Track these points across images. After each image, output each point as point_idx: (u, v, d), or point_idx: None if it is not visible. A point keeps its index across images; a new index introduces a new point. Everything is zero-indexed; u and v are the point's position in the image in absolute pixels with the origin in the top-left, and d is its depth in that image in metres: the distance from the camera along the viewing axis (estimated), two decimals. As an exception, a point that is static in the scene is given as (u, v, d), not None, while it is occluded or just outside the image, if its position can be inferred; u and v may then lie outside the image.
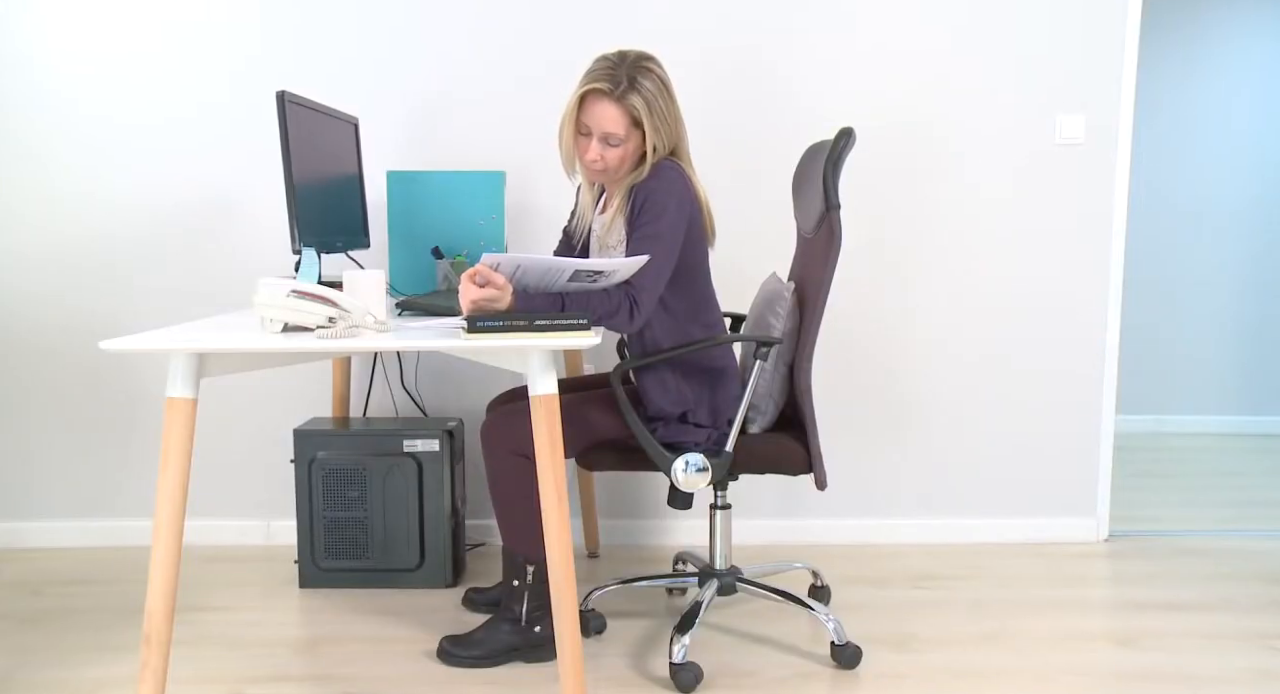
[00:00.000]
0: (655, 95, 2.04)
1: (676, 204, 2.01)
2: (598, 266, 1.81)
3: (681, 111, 2.12)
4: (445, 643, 2.17)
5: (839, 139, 2.05)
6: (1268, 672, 2.14)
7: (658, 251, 1.98)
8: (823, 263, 2.08)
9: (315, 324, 1.75)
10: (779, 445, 2.13)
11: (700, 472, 2.04)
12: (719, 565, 2.28)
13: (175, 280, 2.92)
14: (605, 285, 1.92)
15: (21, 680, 2.11)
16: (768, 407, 2.19)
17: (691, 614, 2.13)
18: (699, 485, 2.04)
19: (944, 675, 2.12)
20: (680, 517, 3.00)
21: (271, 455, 2.99)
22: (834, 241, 2.06)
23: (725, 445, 2.09)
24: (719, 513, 2.26)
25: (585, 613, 2.34)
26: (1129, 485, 3.67)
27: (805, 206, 2.26)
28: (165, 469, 1.72)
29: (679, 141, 2.11)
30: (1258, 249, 4.51)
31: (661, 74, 2.07)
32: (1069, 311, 2.95)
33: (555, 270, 1.82)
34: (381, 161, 2.90)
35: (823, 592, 2.52)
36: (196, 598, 2.57)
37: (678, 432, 2.11)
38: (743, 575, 2.29)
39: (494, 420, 2.10)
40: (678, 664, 2.04)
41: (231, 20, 2.84)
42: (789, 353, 2.18)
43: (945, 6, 2.85)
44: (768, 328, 2.17)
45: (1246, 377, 4.57)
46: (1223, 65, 4.42)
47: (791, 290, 2.17)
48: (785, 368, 2.18)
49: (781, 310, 2.16)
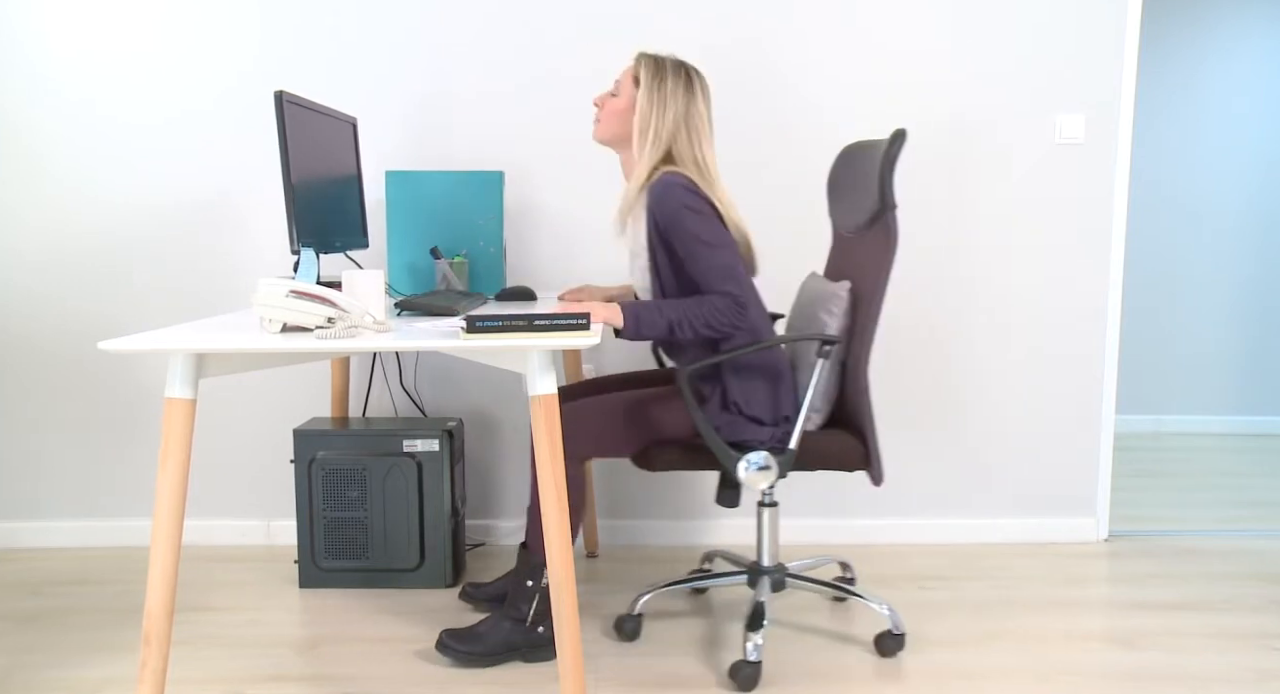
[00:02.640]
0: (668, 74, 2.10)
1: (686, 208, 2.02)
2: None
3: (704, 122, 2.12)
4: (445, 636, 2.16)
5: (893, 141, 2.07)
6: (1268, 672, 2.14)
7: (709, 251, 2.02)
8: (879, 262, 2.10)
9: (314, 324, 1.75)
10: (838, 442, 2.15)
11: (763, 470, 2.05)
12: (766, 562, 2.28)
13: (175, 280, 2.92)
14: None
15: (21, 680, 2.11)
16: (822, 405, 2.20)
17: (758, 612, 2.14)
18: (761, 483, 2.06)
19: (944, 675, 2.12)
20: (680, 517, 3.00)
21: (271, 455, 2.99)
22: (891, 242, 2.08)
23: (788, 443, 2.10)
24: (766, 510, 2.26)
25: (629, 617, 2.31)
26: (1129, 485, 3.67)
27: (848, 207, 2.27)
28: (165, 469, 1.72)
29: (682, 144, 2.11)
30: (1258, 249, 4.51)
31: (691, 72, 2.12)
32: (1069, 311, 2.95)
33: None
34: (381, 161, 2.90)
35: (849, 583, 2.53)
36: (196, 598, 2.57)
37: (741, 429, 2.11)
38: (789, 571, 2.31)
39: (567, 416, 2.10)
40: (751, 662, 2.05)
41: (231, 20, 2.84)
42: (842, 351, 2.19)
43: (945, 6, 2.85)
44: (821, 327, 2.17)
45: (1246, 377, 4.57)
46: (1223, 65, 4.42)
47: (847, 289, 2.17)
48: (839, 366, 2.20)
49: (837, 309, 2.16)
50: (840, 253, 2.36)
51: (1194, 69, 4.43)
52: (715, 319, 2.02)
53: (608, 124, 2.17)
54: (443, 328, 1.86)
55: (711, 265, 2.03)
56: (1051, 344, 2.96)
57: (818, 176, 2.90)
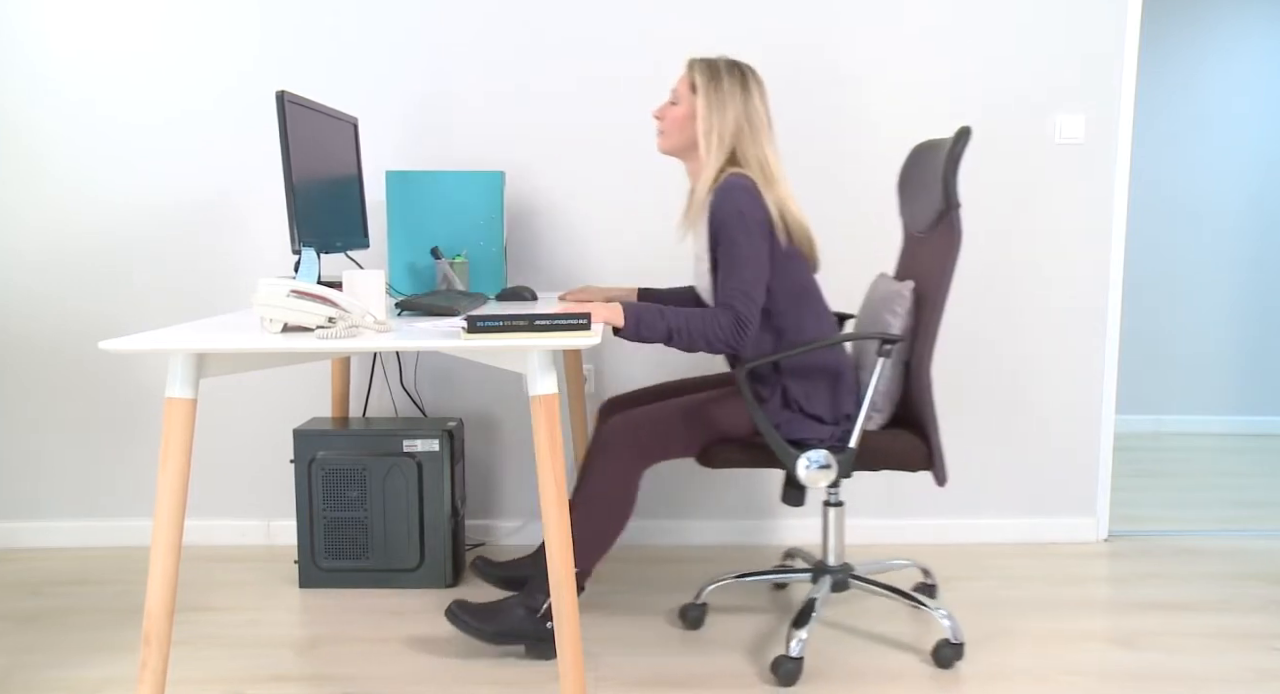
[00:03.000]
0: (723, 76, 2.10)
1: (743, 218, 2.03)
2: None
3: (763, 118, 2.12)
4: (455, 606, 2.15)
5: (957, 138, 2.06)
6: (1268, 672, 2.14)
7: (738, 264, 2.02)
8: (942, 261, 2.10)
9: (315, 324, 1.75)
10: (900, 442, 2.15)
11: (823, 468, 2.05)
12: (831, 562, 2.28)
13: (175, 280, 2.92)
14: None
15: (21, 680, 2.11)
16: (884, 404, 2.20)
17: (807, 610, 2.14)
18: (821, 482, 2.06)
19: (944, 675, 2.12)
20: (692, 516, 3.00)
21: (271, 455, 2.99)
22: (954, 240, 2.07)
23: (848, 442, 2.10)
24: (832, 510, 2.27)
25: (694, 606, 2.35)
26: (1129, 485, 3.67)
27: (916, 206, 2.26)
28: (165, 469, 1.72)
29: (745, 144, 2.11)
30: (1258, 249, 4.51)
31: (746, 71, 2.13)
32: (1069, 311, 2.95)
33: None
34: (381, 161, 2.90)
35: (930, 590, 2.52)
36: (196, 598, 2.57)
37: (800, 428, 2.11)
38: (855, 572, 2.30)
39: (624, 424, 2.10)
40: (793, 657, 2.06)
41: (231, 20, 2.84)
42: (904, 351, 2.19)
43: (944, 6, 2.85)
44: (885, 326, 2.17)
45: (1246, 377, 4.57)
46: (1223, 65, 4.42)
47: (910, 289, 2.17)
48: (901, 366, 2.19)
49: (900, 309, 2.16)
50: (909, 252, 2.35)
51: (1194, 69, 4.43)
52: (713, 335, 2.01)
53: (671, 134, 2.17)
54: (443, 328, 1.86)
55: (730, 277, 2.03)
56: (1051, 344, 2.96)
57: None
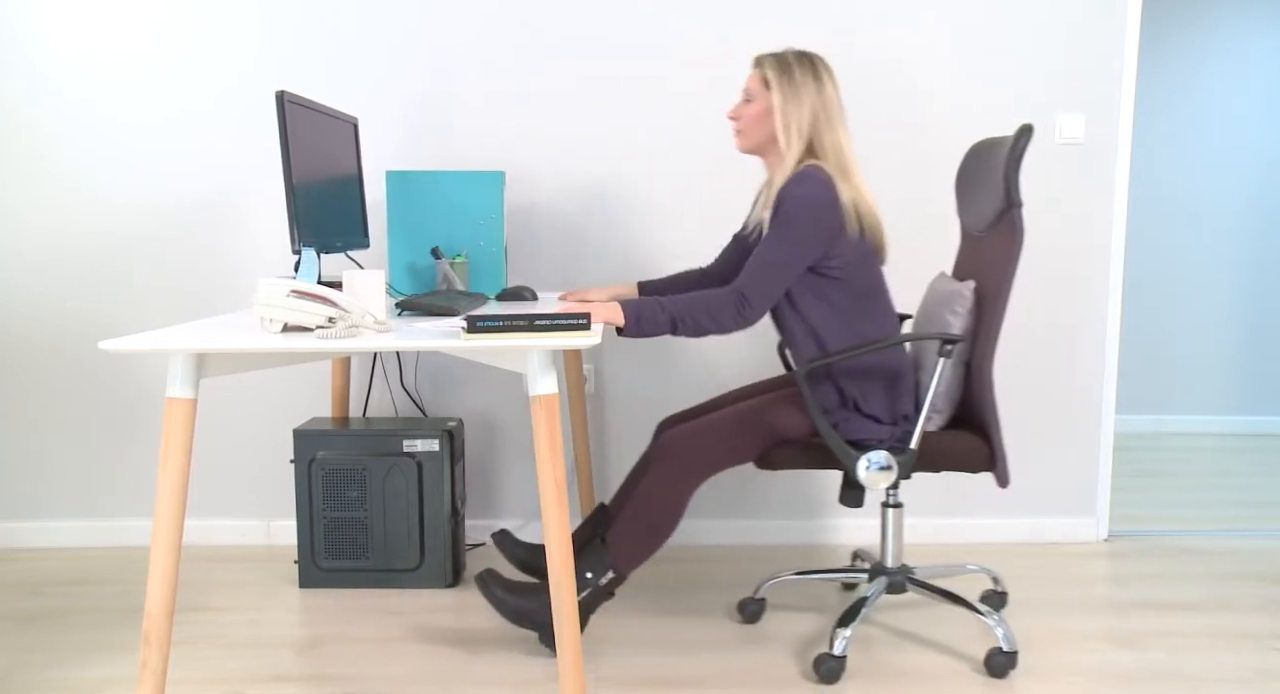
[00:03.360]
0: (794, 67, 2.11)
1: (808, 207, 2.02)
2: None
3: (836, 106, 2.12)
4: (487, 574, 2.15)
5: (1019, 136, 2.05)
6: (1268, 672, 2.14)
7: (770, 248, 2.02)
8: (1005, 260, 2.08)
9: (315, 324, 1.75)
10: (961, 443, 2.13)
11: (883, 470, 2.04)
12: (890, 563, 2.27)
13: (175, 280, 2.92)
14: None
15: (21, 680, 2.11)
16: (944, 405, 2.19)
17: (855, 608, 2.14)
18: (882, 483, 2.05)
19: (944, 675, 2.12)
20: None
21: (271, 455, 2.99)
22: (1016, 239, 2.06)
23: (909, 443, 2.09)
24: (890, 511, 2.25)
25: (752, 600, 2.38)
26: (1129, 485, 3.67)
27: (976, 205, 2.25)
28: (165, 469, 1.72)
29: (822, 132, 2.10)
30: (1258, 249, 4.51)
31: (815, 60, 2.13)
32: (1069, 311, 2.95)
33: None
34: (381, 161, 2.90)
35: (1000, 598, 2.48)
36: (196, 598, 2.57)
37: (859, 428, 2.11)
38: (913, 574, 2.29)
39: (680, 438, 2.10)
40: (835, 656, 2.06)
41: (231, 20, 2.84)
42: (966, 351, 2.18)
43: (944, 6, 2.85)
44: (945, 326, 2.16)
45: (1246, 377, 4.57)
46: (1223, 65, 4.42)
47: (971, 289, 2.16)
48: (961, 367, 2.18)
49: (961, 309, 2.15)
50: (967, 252, 2.34)
51: (1194, 69, 4.43)
52: (718, 313, 2.01)
53: (750, 132, 2.17)
54: (443, 328, 1.86)
55: (761, 259, 2.02)
56: (1052, 344, 2.96)
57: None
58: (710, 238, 2.92)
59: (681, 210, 2.91)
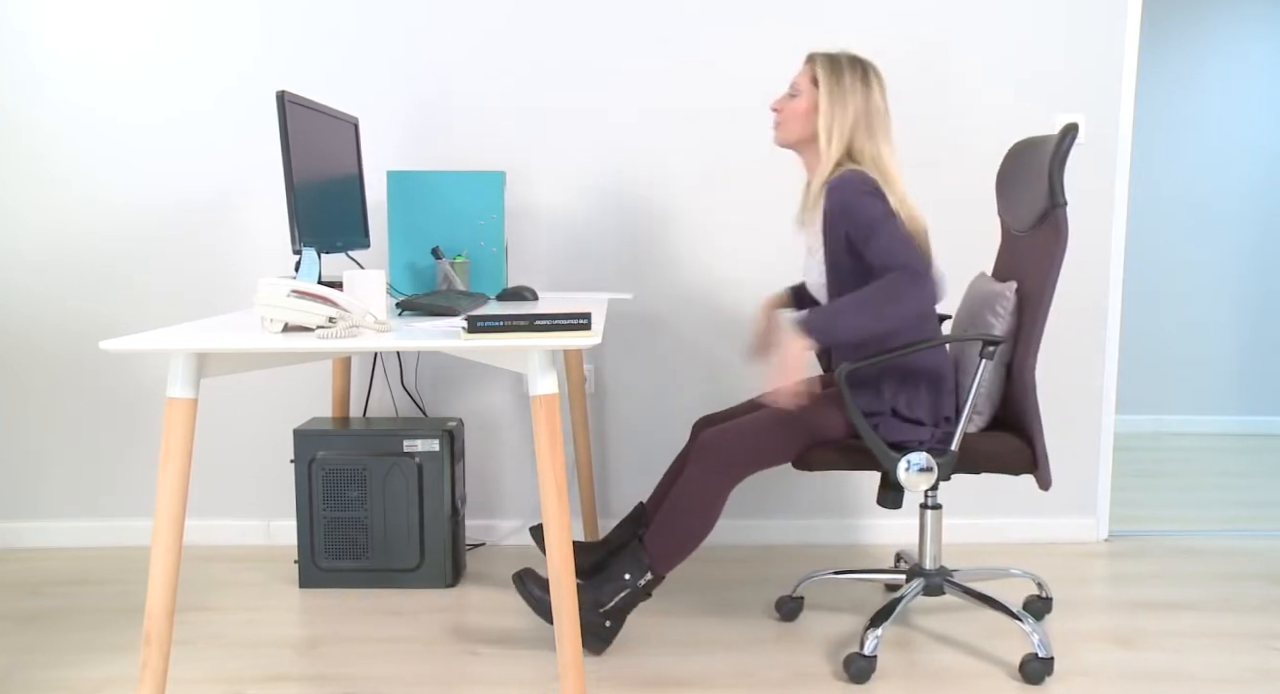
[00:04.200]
0: (845, 70, 2.11)
1: (857, 194, 2.01)
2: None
3: (881, 115, 2.11)
4: (525, 573, 2.15)
5: (1064, 136, 2.04)
6: (1268, 672, 2.14)
7: (883, 231, 1.98)
8: (1047, 261, 2.06)
9: (315, 324, 1.75)
10: (1002, 444, 2.12)
11: (924, 471, 2.03)
12: (928, 565, 2.26)
13: (175, 280, 2.92)
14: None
15: (21, 680, 2.11)
16: (985, 406, 2.18)
17: (888, 608, 2.13)
18: (922, 485, 2.04)
19: (944, 675, 2.12)
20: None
21: (271, 455, 2.99)
22: (1060, 239, 2.04)
23: (949, 444, 2.08)
24: (929, 513, 2.24)
25: (790, 598, 2.40)
26: (1129, 485, 3.67)
27: (1018, 204, 2.24)
28: (165, 469, 1.72)
29: (862, 139, 2.10)
30: (1258, 249, 4.51)
31: (868, 67, 2.13)
32: (1069, 311, 2.95)
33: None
34: (381, 161, 2.90)
35: (1045, 603, 2.45)
36: (196, 598, 2.57)
37: (899, 429, 2.09)
38: (951, 577, 2.27)
39: (718, 437, 2.09)
40: (865, 655, 2.06)
41: (232, 20, 2.84)
42: (1006, 351, 2.16)
43: (944, 6, 2.85)
44: (987, 327, 2.15)
45: (1246, 377, 4.57)
46: (1223, 65, 4.42)
47: (1013, 290, 2.14)
48: (1003, 368, 2.17)
49: (1003, 310, 2.13)
50: (1009, 252, 2.32)
51: (1194, 69, 4.43)
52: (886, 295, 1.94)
53: (790, 126, 2.16)
54: (443, 328, 1.86)
55: (889, 240, 1.97)
56: (1051, 344, 2.96)
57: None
58: (710, 237, 2.92)
59: (682, 210, 2.91)
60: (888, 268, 1.98)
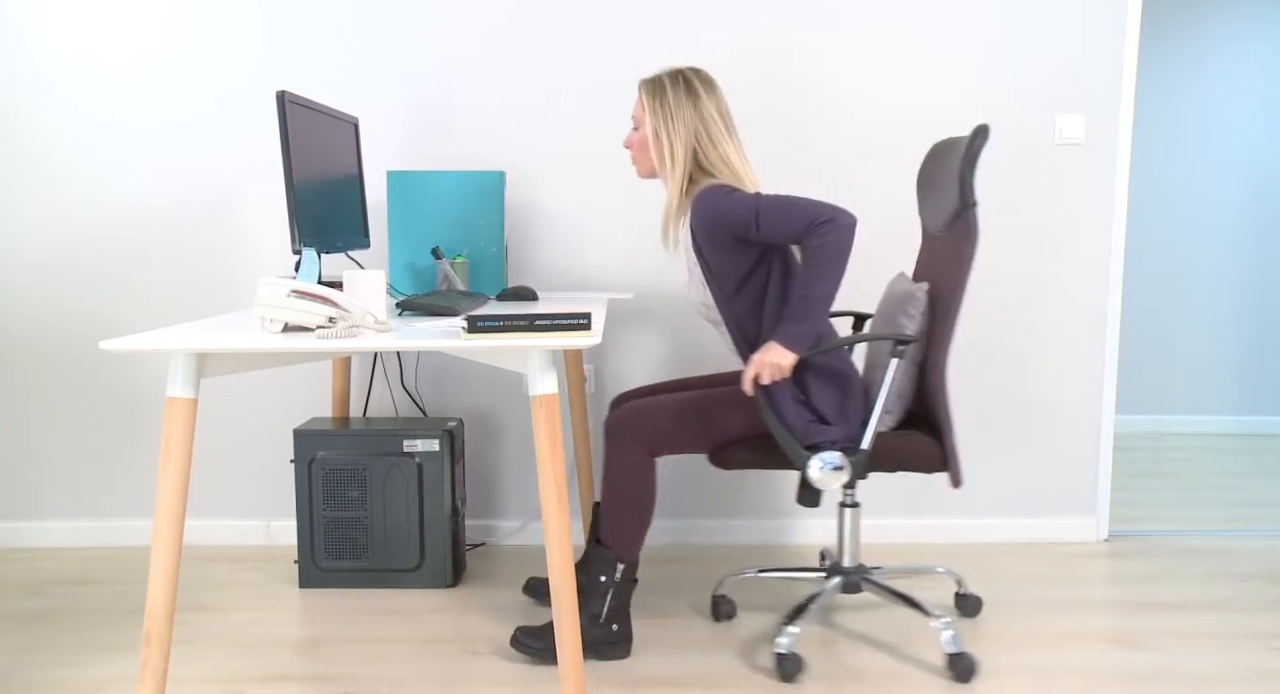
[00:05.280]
0: (668, 88, 2.11)
1: (721, 198, 2.01)
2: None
3: (716, 119, 2.11)
4: (520, 633, 2.17)
5: (974, 137, 2.05)
6: (1268, 672, 2.14)
7: (766, 208, 1.97)
8: (958, 261, 2.08)
9: (315, 324, 1.75)
10: (914, 443, 2.14)
11: (836, 470, 2.04)
12: (846, 563, 2.28)
13: (175, 280, 2.92)
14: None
15: (21, 680, 2.11)
16: (896, 406, 2.19)
17: (802, 606, 2.14)
18: (834, 484, 2.05)
19: (944, 675, 2.12)
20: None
21: (271, 455, 2.99)
22: (970, 240, 2.06)
23: (860, 443, 2.09)
24: (847, 511, 2.26)
25: (716, 598, 2.40)
26: (1129, 485, 3.67)
27: (934, 205, 2.25)
28: (165, 469, 1.72)
29: (706, 148, 2.10)
30: (1258, 249, 4.51)
31: (689, 76, 2.12)
32: (1069, 311, 2.95)
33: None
34: (381, 161, 2.90)
35: (968, 600, 2.45)
36: (196, 598, 2.57)
37: (812, 430, 2.10)
38: (868, 574, 2.29)
39: (625, 414, 2.11)
40: (782, 654, 2.07)
41: (232, 21, 2.84)
42: (919, 351, 2.18)
43: (944, 6, 2.85)
44: (899, 328, 2.16)
45: (1246, 377, 4.57)
46: (1223, 65, 4.42)
47: (925, 291, 2.16)
48: (915, 367, 2.19)
49: (914, 311, 2.15)
50: (926, 252, 2.34)
51: (1194, 69, 4.43)
52: (832, 249, 1.93)
53: (642, 159, 2.18)
54: (443, 328, 1.86)
55: (778, 212, 1.96)
56: (1051, 344, 2.96)
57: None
58: (710, 238, 2.92)
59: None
60: (801, 235, 1.97)
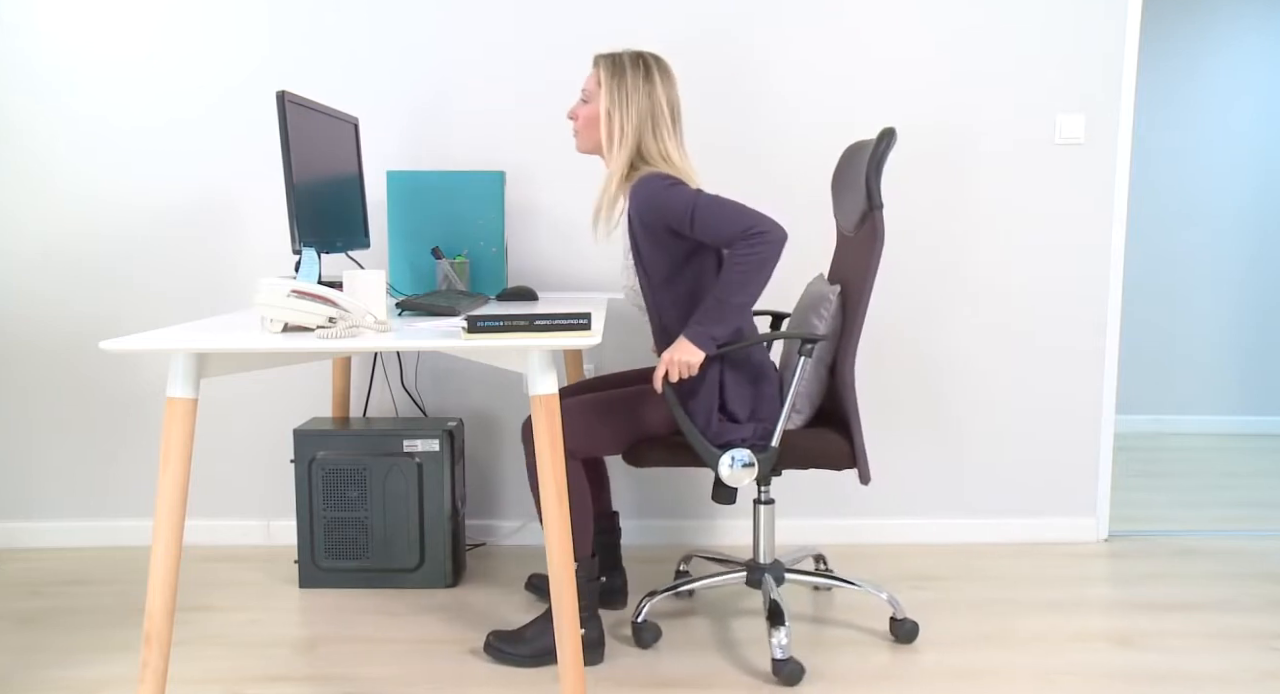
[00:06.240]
0: (627, 70, 2.09)
1: (661, 190, 2.01)
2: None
3: (665, 111, 2.10)
4: (491, 638, 2.17)
5: (880, 139, 2.07)
6: (1268, 672, 2.14)
7: (703, 208, 1.97)
8: (865, 262, 2.11)
9: (315, 324, 1.75)
10: (823, 440, 2.16)
11: (746, 467, 2.06)
12: (763, 559, 2.30)
13: (175, 280, 2.92)
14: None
15: (21, 680, 2.11)
16: (804, 405, 2.20)
17: (777, 610, 2.15)
18: (744, 481, 2.07)
19: (944, 676, 2.12)
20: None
21: (271, 455, 2.99)
22: (877, 241, 2.08)
23: (770, 441, 2.10)
24: (762, 508, 2.29)
25: (639, 625, 2.27)
26: (1129, 485, 3.67)
27: (846, 206, 2.27)
28: (165, 469, 1.72)
29: (648, 139, 2.09)
30: (1257, 249, 4.51)
31: (649, 61, 2.11)
32: (1069, 311, 2.95)
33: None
34: (381, 161, 2.90)
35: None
36: (196, 598, 2.57)
37: (723, 428, 2.11)
38: (787, 567, 2.34)
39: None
40: (781, 660, 2.08)
41: (233, 21, 2.84)
42: (829, 352, 2.20)
43: (944, 6, 2.85)
44: (811, 328, 2.17)
45: (1246, 377, 4.57)
46: (1223, 65, 4.42)
47: (836, 293, 2.18)
48: (824, 367, 2.20)
49: (826, 312, 2.16)
50: (839, 253, 2.37)
51: (1194, 69, 4.43)
52: (757, 260, 1.94)
53: (586, 133, 2.16)
54: (444, 328, 1.86)
55: (714, 215, 1.97)
56: (1051, 344, 2.96)
57: (819, 178, 2.90)
58: (710, 238, 2.92)
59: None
60: (731, 240, 1.97)
